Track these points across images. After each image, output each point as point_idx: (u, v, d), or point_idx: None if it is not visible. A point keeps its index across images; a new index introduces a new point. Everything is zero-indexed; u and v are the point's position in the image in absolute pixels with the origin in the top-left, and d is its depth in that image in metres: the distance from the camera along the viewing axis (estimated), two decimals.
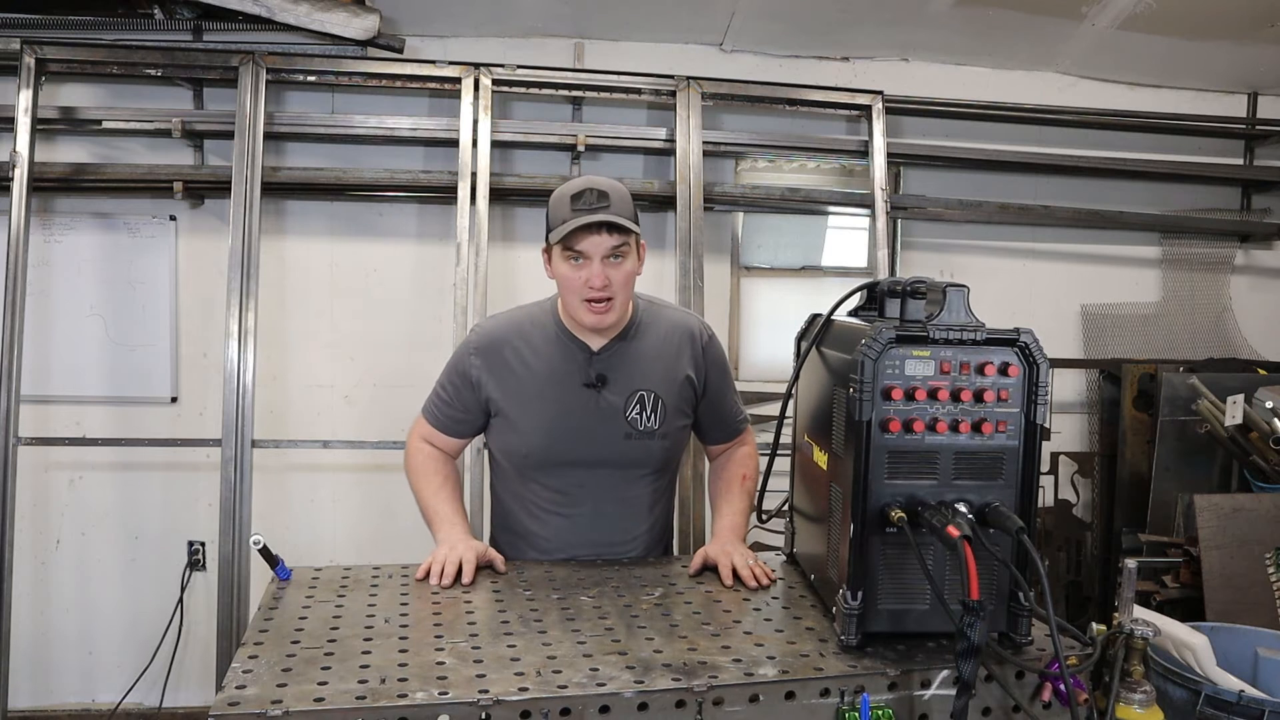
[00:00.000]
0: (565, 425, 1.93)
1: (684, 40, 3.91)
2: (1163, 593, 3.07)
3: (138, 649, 3.74)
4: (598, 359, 1.95)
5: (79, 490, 3.75)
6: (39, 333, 3.58)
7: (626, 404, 1.94)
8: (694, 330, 2.05)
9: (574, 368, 1.95)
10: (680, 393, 1.99)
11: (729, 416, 2.13)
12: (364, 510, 3.85)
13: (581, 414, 1.94)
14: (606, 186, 1.85)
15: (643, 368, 1.97)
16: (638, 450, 1.96)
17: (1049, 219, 4.09)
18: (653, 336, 2.00)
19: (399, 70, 3.52)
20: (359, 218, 3.83)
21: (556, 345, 1.97)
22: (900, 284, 1.48)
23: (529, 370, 1.96)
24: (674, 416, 1.98)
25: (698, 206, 3.58)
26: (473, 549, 1.80)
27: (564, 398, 1.94)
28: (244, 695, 1.24)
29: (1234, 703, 1.77)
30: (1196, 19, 3.74)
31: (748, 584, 1.74)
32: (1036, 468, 1.42)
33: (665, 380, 1.98)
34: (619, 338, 1.97)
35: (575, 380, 1.94)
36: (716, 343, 2.09)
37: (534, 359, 1.96)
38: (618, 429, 1.94)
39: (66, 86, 3.60)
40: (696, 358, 2.02)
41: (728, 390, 2.11)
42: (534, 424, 1.95)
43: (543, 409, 1.94)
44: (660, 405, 1.96)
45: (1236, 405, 3.29)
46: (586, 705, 1.26)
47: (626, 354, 1.97)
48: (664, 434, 1.96)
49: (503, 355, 1.97)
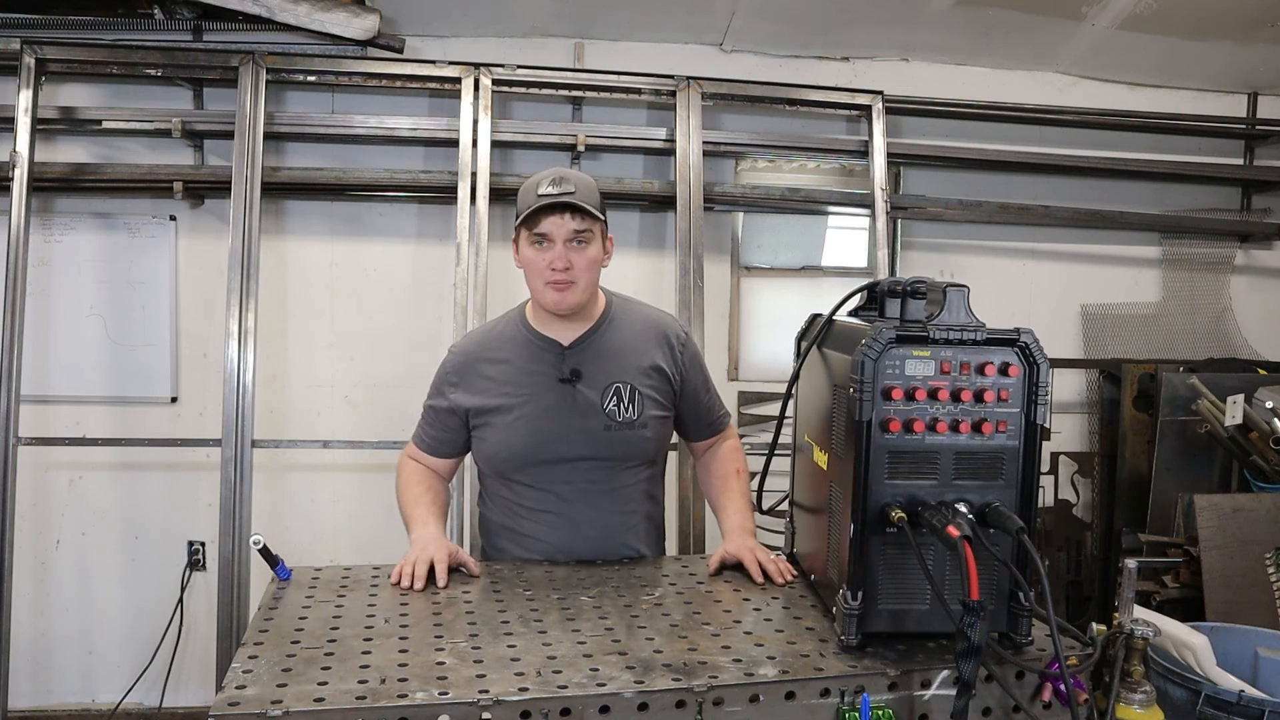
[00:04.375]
0: (544, 422, 1.95)
1: (684, 40, 3.91)
2: (1163, 593, 3.08)
3: (138, 649, 3.74)
4: (569, 354, 1.97)
5: (79, 490, 3.75)
6: (39, 333, 3.59)
7: (603, 397, 1.95)
8: (669, 330, 2.07)
9: (547, 365, 1.97)
10: (655, 384, 2.00)
11: (710, 413, 2.15)
12: (364, 510, 3.85)
13: (559, 410, 1.95)
14: (572, 176, 1.90)
15: (616, 360, 1.98)
16: (619, 442, 1.97)
17: (1049, 219, 4.09)
18: (625, 330, 2.03)
19: (399, 70, 3.52)
20: (359, 218, 3.83)
21: (527, 347, 2.00)
22: (900, 284, 1.48)
23: (503, 375, 1.99)
24: (651, 406, 1.99)
25: (698, 206, 3.58)
26: (444, 548, 1.79)
27: (540, 395, 1.96)
28: (244, 695, 1.24)
29: (1234, 703, 1.77)
30: (1196, 19, 3.74)
31: (776, 580, 1.75)
32: (1036, 468, 1.41)
33: (640, 371, 1.99)
34: (590, 331, 1.99)
35: (550, 377, 1.96)
36: (693, 344, 2.12)
37: (506, 365, 1.99)
38: (597, 422, 1.95)
39: (66, 86, 3.60)
40: (674, 357, 2.04)
41: (707, 389, 2.14)
42: (513, 425, 1.96)
43: (520, 409, 1.96)
44: (637, 396, 1.97)
45: (1236, 405, 3.29)
46: (586, 705, 1.25)
47: (599, 347, 1.99)
48: (643, 424, 1.97)
49: (476, 369, 2.01)
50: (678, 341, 2.06)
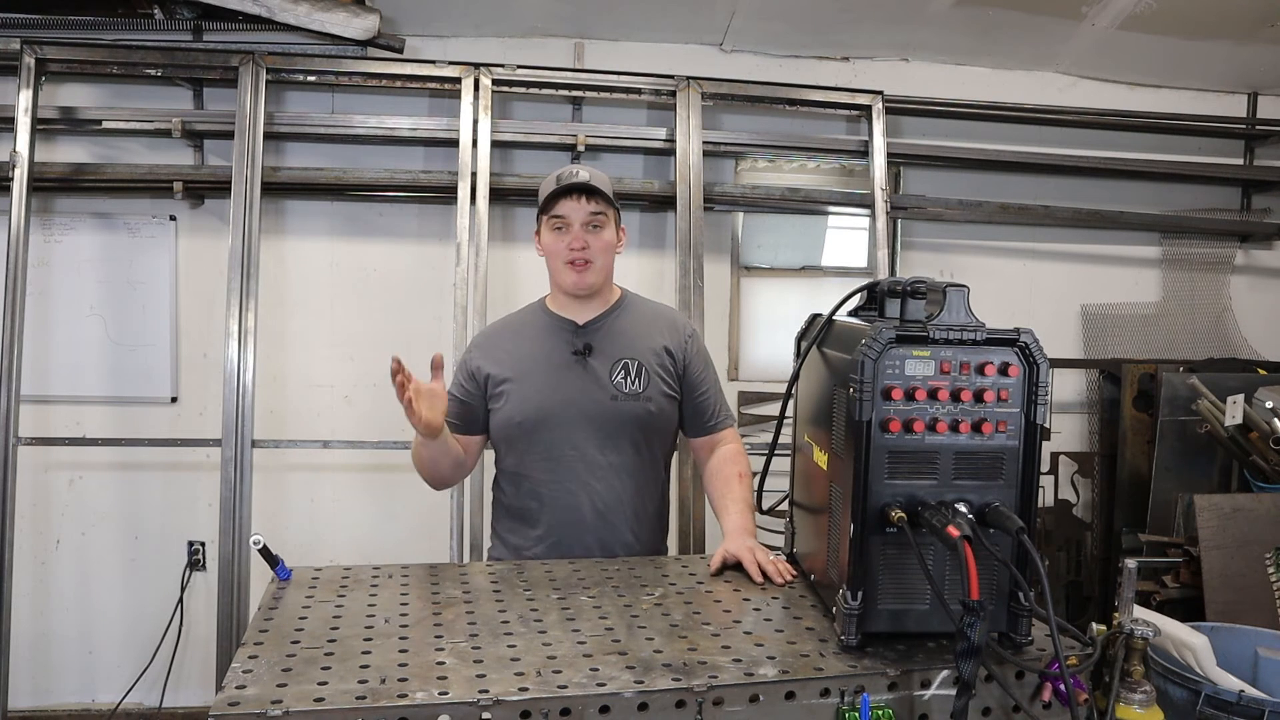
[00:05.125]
0: (555, 388, 2.10)
1: (684, 40, 3.91)
2: (1163, 593, 3.08)
3: (138, 649, 3.74)
4: (583, 331, 2.15)
5: (79, 490, 3.76)
6: (39, 333, 3.59)
7: (611, 370, 2.11)
8: (678, 322, 2.25)
9: (562, 341, 2.14)
10: (661, 362, 2.15)
11: (712, 409, 2.23)
12: (364, 510, 3.85)
13: (569, 378, 2.11)
14: (588, 169, 2.12)
15: (626, 340, 2.15)
16: (624, 411, 2.10)
17: (1049, 219, 4.09)
18: (636, 317, 2.20)
19: (399, 70, 3.52)
20: (359, 218, 3.83)
21: (546, 328, 2.18)
22: (900, 284, 1.48)
23: (522, 349, 2.16)
24: (657, 382, 2.13)
25: (698, 206, 3.58)
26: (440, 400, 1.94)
27: (554, 367, 2.12)
28: (244, 695, 1.24)
29: (1234, 703, 1.77)
30: (1196, 19, 3.74)
31: (775, 580, 1.76)
32: (1036, 468, 1.41)
33: (647, 351, 2.15)
34: (604, 314, 2.17)
35: (564, 351, 2.13)
36: (699, 338, 2.26)
37: (526, 341, 2.18)
38: (604, 392, 2.09)
39: (66, 86, 3.60)
40: (680, 343, 2.19)
41: (711, 382, 2.24)
42: (527, 391, 2.11)
43: (534, 377, 2.12)
44: (643, 371, 2.12)
45: (1236, 405, 3.29)
46: (586, 705, 1.25)
47: (611, 328, 2.16)
48: (648, 397, 2.11)
49: (499, 342, 2.21)
50: (685, 332, 2.22)
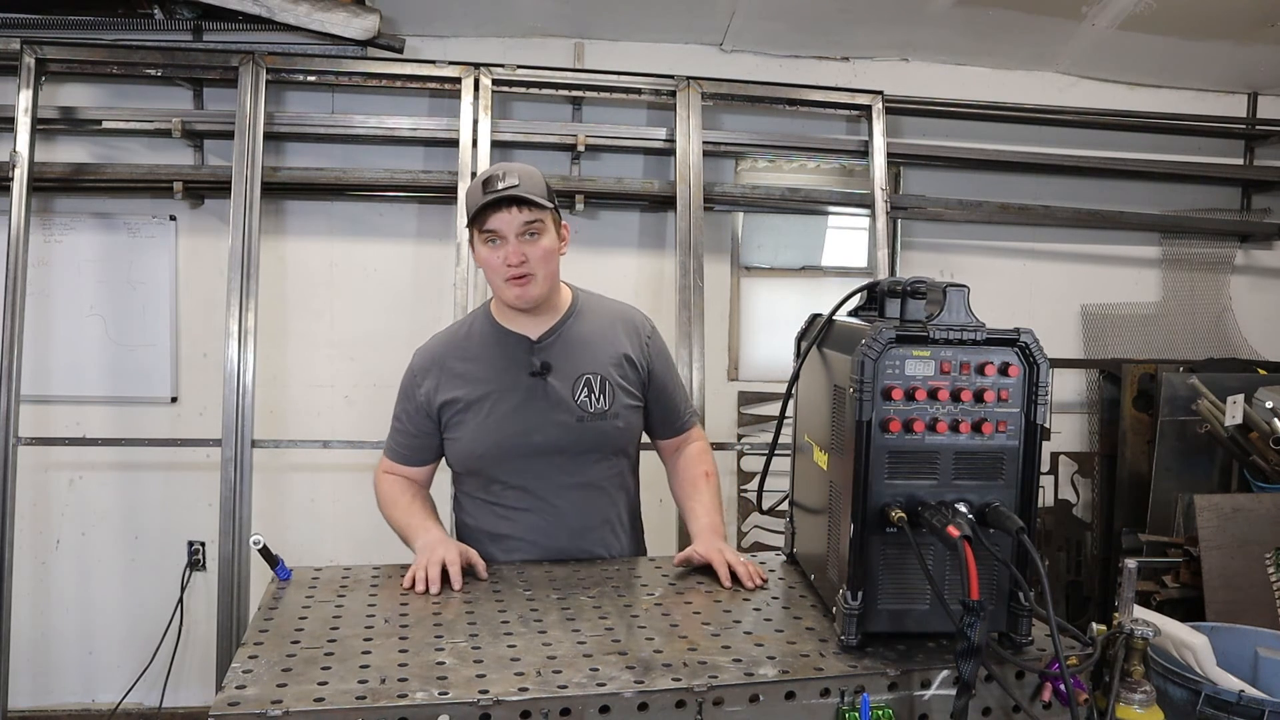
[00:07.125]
0: (516, 417, 1.94)
1: (684, 40, 3.91)
2: (1163, 593, 3.08)
3: (138, 649, 3.74)
4: (539, 348, 1.97)
5: (79, 490, 3.75)
6: (39, 333, 3.58)
7: (574, 388, 1.95)
8: (637, 321, 2.08)
9: (517, 360, 1.96)
10: (623, 374, 2.00)
11: (677, 410, 2.13)
12: (364, 510, 3.80)
13: (531, 404, 1.94)
14: (514, 168, 1.89)
15: (586, 352, 1.98)
16: (592, 433, 1.96)
17: (1049, 219, 4.09)
18: (592, 322, 2.03)
19: (399, 70, 3.52)
20: (359, 218, 3.83)
21: (495, 344, 1.99)
22: (900, 284, 1.48)
23: (473, 372, 1.98)
24: (622, 395, 1.99)
25: (698, 206, 3.58)
26: (454, 549, 1.78)
27: (512, 390, 1.95)
28: (244, 695, 1.24)
29: (1234, 703, 1.77)
30: (1196, 19, 3.74)
31: (746, 584, 1.73)
32: (1036, 468, 1.41)
33: (609, 362, 1.99)
34: (558, 324, 1.99)
35: (520, 372, 1.95)
36: (660, 337, 2.12)
37: (476, 361, 1.99)
38: (569, 414, 1.94)
39: (66, 86, 3.59)
40: (641, 347, 2.04)
41: (675, 383, 2.13)
42: (484, 421, 1.95)
43: (492, 405, 1.95)
44: (607, 386, 1.97)
45: (1236, 405, 3.29)
46: (586, 705, 1.25)
47: (568, 340, 1.99)
48: (615, 414, 1.97)
49: (445, 366, 2.00)
50: (644, 333, 2.07)
